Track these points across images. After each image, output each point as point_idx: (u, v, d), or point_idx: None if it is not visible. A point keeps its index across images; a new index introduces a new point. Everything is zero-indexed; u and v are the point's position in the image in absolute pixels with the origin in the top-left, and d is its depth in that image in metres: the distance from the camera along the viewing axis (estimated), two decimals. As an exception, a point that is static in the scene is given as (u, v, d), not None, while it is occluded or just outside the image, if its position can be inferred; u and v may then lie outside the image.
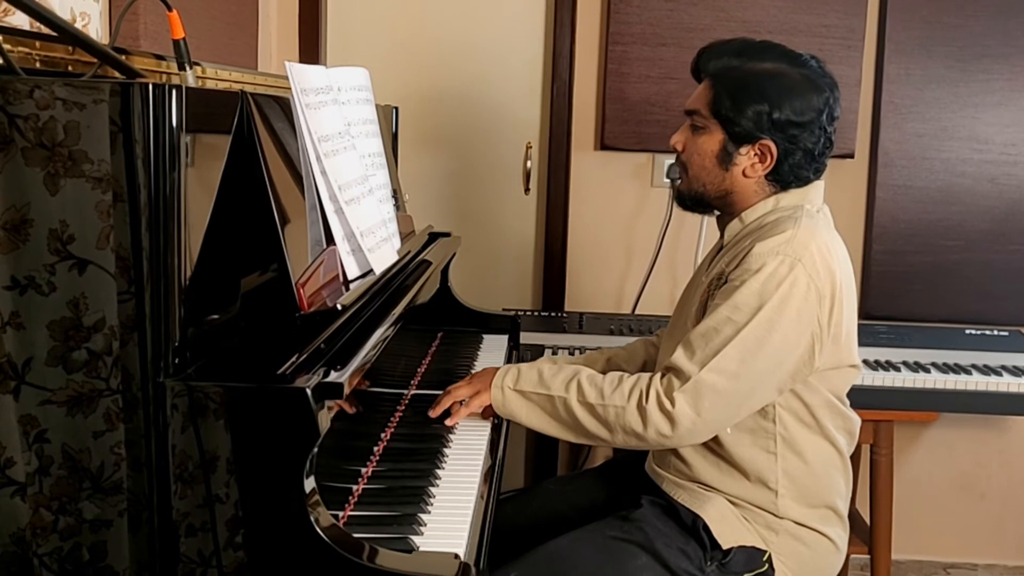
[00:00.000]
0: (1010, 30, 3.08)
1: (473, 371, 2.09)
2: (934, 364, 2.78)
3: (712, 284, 1.81)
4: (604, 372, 2.13)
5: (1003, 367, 2.78)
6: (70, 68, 1.41)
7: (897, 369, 2.73)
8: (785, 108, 1.76)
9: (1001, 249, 3.17)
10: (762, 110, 1.76)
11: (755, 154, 1.80)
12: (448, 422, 1.83)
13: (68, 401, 1.18)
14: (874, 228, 3.17)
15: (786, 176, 1.81)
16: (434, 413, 1.85)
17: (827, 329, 1.74)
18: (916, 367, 2.75)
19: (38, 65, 1.35)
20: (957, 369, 2.75)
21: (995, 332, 2.97)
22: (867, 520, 2.88)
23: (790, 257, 1.70)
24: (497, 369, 1.87)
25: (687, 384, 1.70)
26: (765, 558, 1.79)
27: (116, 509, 1.21)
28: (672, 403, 1.70)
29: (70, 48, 1.40)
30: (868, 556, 2.85)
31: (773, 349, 1.70)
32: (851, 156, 3.14)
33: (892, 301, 3.18)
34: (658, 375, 1.76)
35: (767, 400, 1.76)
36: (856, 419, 1.88)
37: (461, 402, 1.86)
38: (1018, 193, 3.15)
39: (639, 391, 1.74)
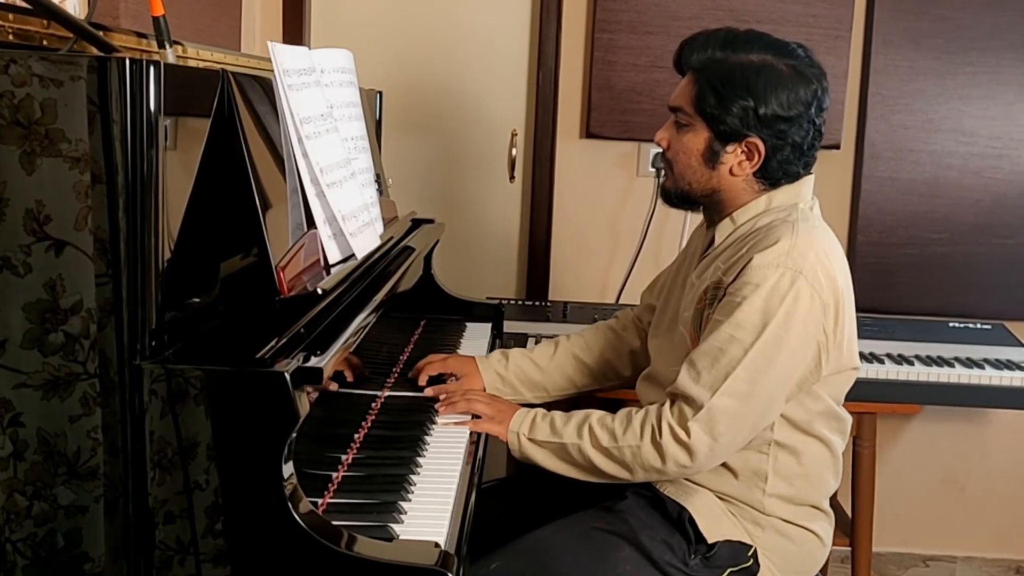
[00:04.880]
0: (997, 23, 3.09)
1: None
2: (917, 356, 2.78)
3: (708, 292, 1.77)
4: (560, 365, 2.11)
5: (986, 360, 2.78)
6: (45, 43, 1.39)
7: (881, 361, 2.72)
8: (772, 103, 1.71)
9: (986, 242, 3.17)
10: (748, 106, 1.71)
11: (742, 152, 1.75)
12: (448, 421, 1.80)
13: (44, 384, 1.17)
14: (859, 220, 3.17)
15: (775, 173, 1.77)
16: (444, 411, 1.82)
17: (832, 338, 1.72)
18: (900, 359, 2.74)
19: (11, 38, 1.33)
20: (940, 362, 2.75)
21: (978, 325, 2.98)
22: (848, 512, 2.89)
23: (791, 270, 1.67)
24: (516, 406, 1.84)
25: (700, 412, 1.67)
26: (750, 553, 1.78)
27: (92, 495, 1.19)
28: (687, 433, 1.67)
29: (45, 22, 1.38)
30: (849, 548, 2.85)
31: (782, 365, 1.68)
32: (837, 147, 3.13)
33: (877, 293, 3.17)
34: (667, 405, 1.72)
35: (778, 413, 1.74)
36: (848, 418, 1.87)
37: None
38: (1003, 186, 3.15)
39: (651, 426, 1.70)
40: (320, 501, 1.41)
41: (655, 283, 2.14)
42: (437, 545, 1.25)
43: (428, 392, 1.90)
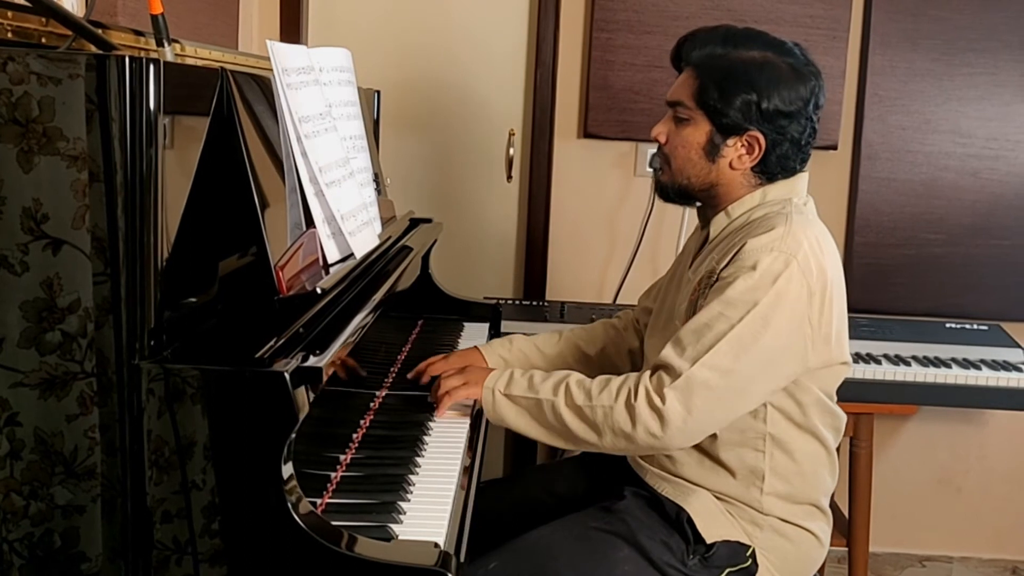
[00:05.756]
0: (994, 24, 3.09)
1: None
2: (914, 357, 2.78)
3: (702, 282, 1.77)
4: (562, 353, 2.12)
5: (982, 360, 2.79)
6: (43, 40, 1.38)
7: (878, 362, 2.73)
8: (774, 98, 1.72)
9: (982, 243, 3.17)
10: (750, 100, 1.72)
11: (743, 145, 1.76)
12: (437, 416, 1.80)
13: (41, 383, 1.16)
14: (856, 220, 3.17)
15: (773, 168, 1.78)
16: (440, 411, 1.80)
17: (818, 328, 1.71)
18: (897, 360, 2.75)
19: (10, 36, 1.32)
20: (937, 362, 2.76)
21: (975, 326, 2.98)
22: (845, 513, 2.89)
23: (785, 253, 1.67)
24: (490, 369, 1.82)
25: (678, 380, 1.65)
26: (748, 553, 1.77)
27: (89, 494, 1.19)
28: (662, 400, 1.65)
29: (43, 19, 1.37)
30: (846, 548, 2.86)
31: (767, 346, 1.66)
32: (834, 148, 3.13)
33: (873, 294, 3.17)
34: (647, 372, 1.70)
35: (759, 401, 1.73)
36: (842, 415, 1.86)
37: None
38: (1000, 187, 3.15)
39: (627, 389, 1.68)
40: (319, 501, 1.40)
41: (652, 288, 2.15)
42: (436, 545, 1.25)
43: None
